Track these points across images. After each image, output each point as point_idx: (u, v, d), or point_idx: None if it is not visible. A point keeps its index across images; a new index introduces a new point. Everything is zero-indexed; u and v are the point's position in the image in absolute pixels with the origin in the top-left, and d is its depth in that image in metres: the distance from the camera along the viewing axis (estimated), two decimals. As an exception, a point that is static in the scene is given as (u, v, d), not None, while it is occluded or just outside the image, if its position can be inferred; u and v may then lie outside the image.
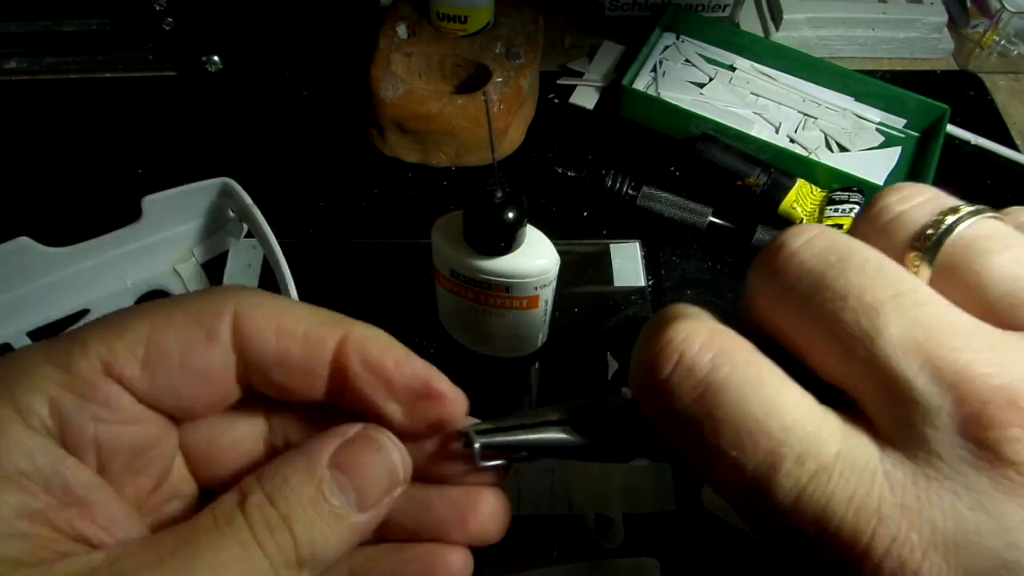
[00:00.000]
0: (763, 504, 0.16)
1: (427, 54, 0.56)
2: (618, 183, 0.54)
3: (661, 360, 0.17)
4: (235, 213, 0.30)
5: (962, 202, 0.18)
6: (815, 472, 0.16)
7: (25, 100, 0.60)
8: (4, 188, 0.54)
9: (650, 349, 0.18)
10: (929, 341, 0.15)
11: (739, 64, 0.65)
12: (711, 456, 0.17)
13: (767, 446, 0.16)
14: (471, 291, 0.39)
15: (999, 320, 0.16)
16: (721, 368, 0.17)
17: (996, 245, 0.17)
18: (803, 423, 0.16)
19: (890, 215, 0.19)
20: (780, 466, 0.16)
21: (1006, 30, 0.66)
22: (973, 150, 0.61)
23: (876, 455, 0.16)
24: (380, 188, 0.56)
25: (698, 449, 0.17)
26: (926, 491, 0.15)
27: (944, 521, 0.15)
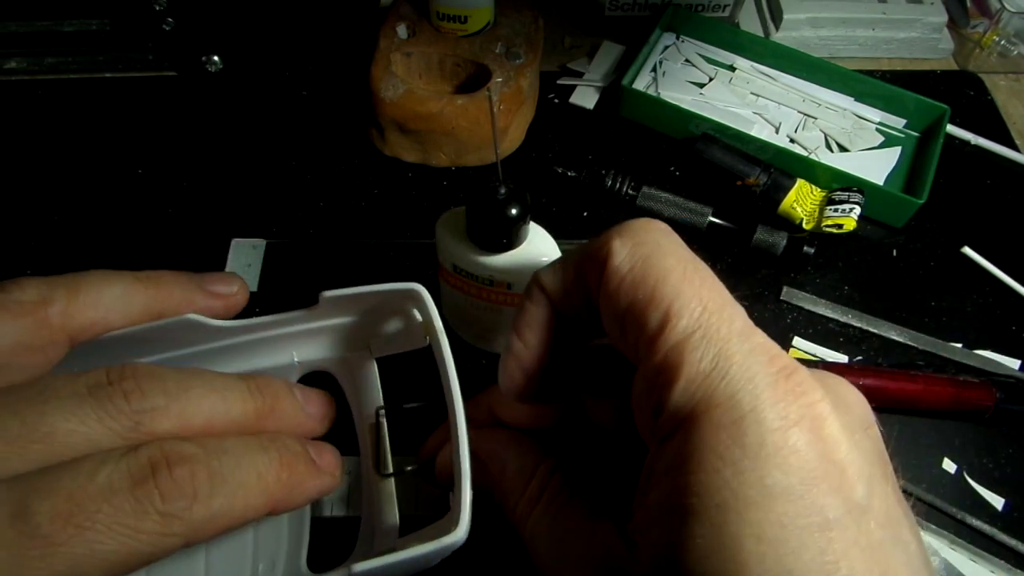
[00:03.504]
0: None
1: (427, 54, 0.56)
2: (618, 183, 0.54)
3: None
4: (421, 317, 0.29)
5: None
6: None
7: (25, 100, 0.60)
8: (4, 188, 0.54)
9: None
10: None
11: (739, 64, 0.65)
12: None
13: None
14: (473, 287, 0.39)
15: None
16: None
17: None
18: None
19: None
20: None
21: (1006, 30, 0.66)
22: (973, 150, 0.61)
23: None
24: (380, 188, 0.56)
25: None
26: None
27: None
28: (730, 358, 0.18)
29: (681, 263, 0.20)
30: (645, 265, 0.20)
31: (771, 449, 0.17)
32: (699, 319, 0.19)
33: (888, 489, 0.18)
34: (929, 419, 0.47)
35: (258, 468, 0.21)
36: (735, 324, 0.19)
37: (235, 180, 0.56)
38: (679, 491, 0.18)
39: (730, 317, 0.19)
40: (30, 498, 0.17)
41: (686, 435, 0.18)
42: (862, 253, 0.55)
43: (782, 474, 0.17)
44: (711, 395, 0.18)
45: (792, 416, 0.18)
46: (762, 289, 0.52)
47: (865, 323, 0.51)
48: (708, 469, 0.17)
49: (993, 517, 0.44)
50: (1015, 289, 0.53)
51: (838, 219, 0.52)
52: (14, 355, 0.22)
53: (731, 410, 0.18)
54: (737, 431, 0.17)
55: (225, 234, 0.51)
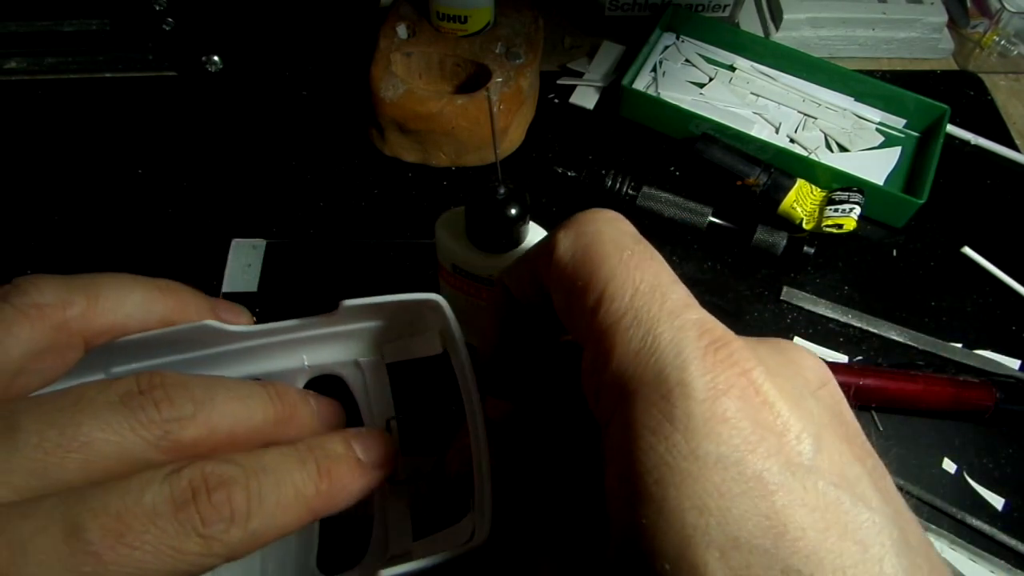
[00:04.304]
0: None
1: (427, 54, 0.56)
2: (618, 183, 0.54)
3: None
4: (437, 326, 0.29)
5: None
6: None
7: (25, 100, 0.60)
8: (4, 188, 0.54)
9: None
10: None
11: (739, 64, 0.65)
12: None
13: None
14: (473, 287, 0.39)
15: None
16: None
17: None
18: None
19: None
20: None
21: (1006, 30, 0.66)
22: (973, 150, 0.61)
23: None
24: (380, 188, 0.56)
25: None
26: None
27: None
28: (659, 336, 0.18)
29: (618, 248, 0.20)
30: (584, 253, 0.20)
31: (699, 420, 0.17)
32: (630, 301, 0.19)
33: (843, 447, 0.18)
34: (929, 419, 0.47)
35: (296, 484, 0.21)
36: (667, 303, 0.19)
37: (235, 180, 0.56)
38: (623, 474, 0.18)
39: (662, 296, 0.19)
40: (83, 516, 0.18)
41: (621, 416, 0.18)
42: (862, 253, 0.55)
43: (713, 444, 0.17)
44: (641, 373, 0.18)
45: (720, 385, 0.17)
46: (762, 289, 0.52)
47: (865, 323, 0.51)
48: (643, 447, 0.17)
49: (993, 517, 0.44)
50: (1015, 289, 0.53)
51: (838, 219, 0.52)
52: (32, 360, 0.22)
53: (659, 385, 0.18)
54: (666, 405, 0.17)
55: (225, 234, 0.51)
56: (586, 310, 0.20)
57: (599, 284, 0.20)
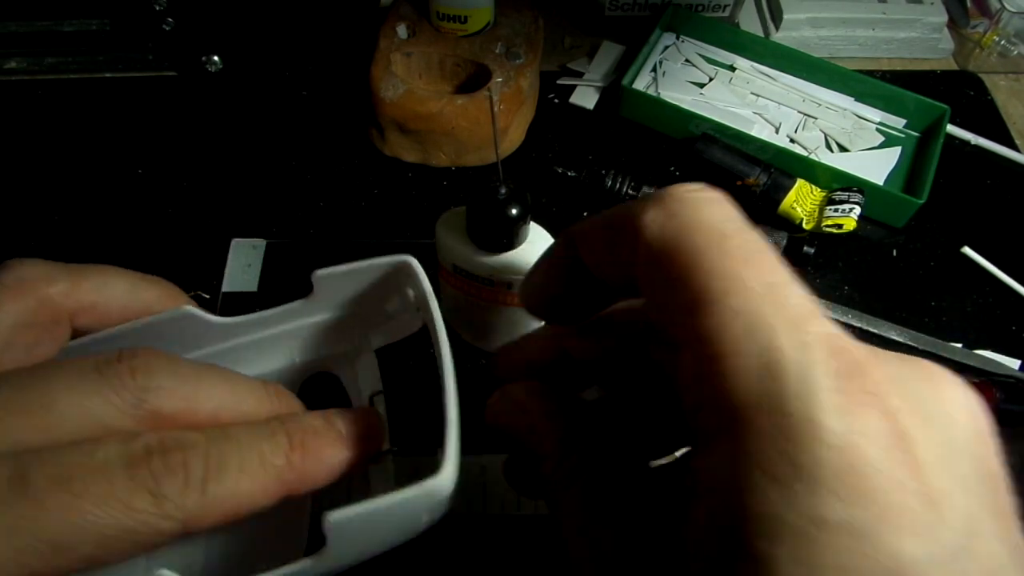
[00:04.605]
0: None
1: (427, 54, 0.56)
2: (618, 183, 0.54)
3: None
4: (414, 299, 0.29)
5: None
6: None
7: (25, 100, 0.60)
8: (4, 188, 0.54)
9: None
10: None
11: (739, 64, 0.65)
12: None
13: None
14: (473, 286, 0.39)
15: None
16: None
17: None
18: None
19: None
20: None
21: (1006, 30, 0.66)
22: (973, 150, 0.61)
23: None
24: (380, 188, 0.56)
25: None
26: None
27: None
28: (780, 353, 0.15)
29: (721, 237, 0.17)
30: (677, 239, 0.17)
31: (830, 472, 0.14)
32: (741, 304, 0.16)
33: (998, 529, 0.14)
34: (929, 419, 0.47)
35: (263, 452, 0.21)
36: (786, 309, 0.15)
37: (235, 180, 0.56)
38: (725, 514, 0.15)
39: (780, 300, 0.16)
40: (31, 466, 0.18)
41: (731, 446, 0.15)
42: (862, 253, 0.55)
43: (843, 505, 0.13)
44: (757, 400, 0.15)
45: (858, 429, 0.14)
46: (762, 289, 0.52)
47: (865, 323, 0.51)
48: (754, 492, 0.14)
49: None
50: (1015, 289, 0.53)
51: (838, 219, 0.52)
52: (18, 334, 0.22)
53: (780, 419, 0.14)
54: (789, 446, 0.14)
55: (225, 234, 0.51)
56: (683, 307, 0.16)
57: (698, 280, 0.16)
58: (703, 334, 0.16)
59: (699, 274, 0.16)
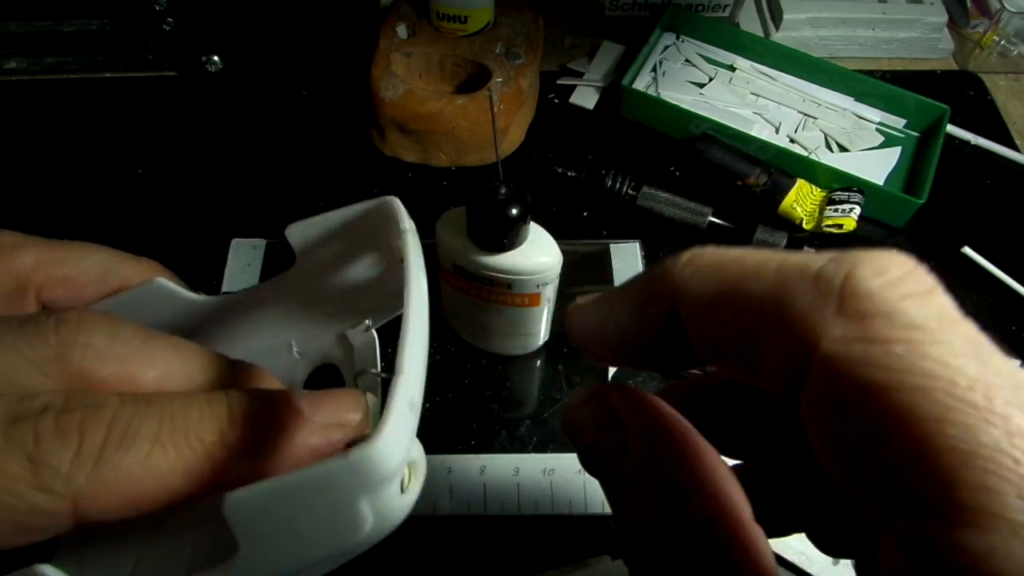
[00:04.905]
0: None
1: (427, 54, 0.56)
2: (618, 183, 0.54)
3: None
4: (399, 250, 0.24)
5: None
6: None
7: (25, 100, 0.60)
8: (4, 188, 0.54)
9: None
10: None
11: (739, 64, 0.65)
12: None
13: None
14: (473, 287, 0.39)
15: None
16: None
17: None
18: None
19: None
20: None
21: (1006, 30, 0.66)
22: (973, 150, 0.61)
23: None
24: (380, 188, 0.56)
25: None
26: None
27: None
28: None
29: (964, 391, 0.11)
30: (893, 392, 0.11)
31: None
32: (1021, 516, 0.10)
33: None
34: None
35: (191, 422, 0.17)
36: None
37: (235, 180, 0.56)
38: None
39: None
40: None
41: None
42: (862, 253, 0.55)
43: None
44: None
45: None
46: (762, 289, 0.52)
47: (865, 323, 0.51)
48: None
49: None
50: (1015, 289, 0.53)
51: (838, 219, 0.52)
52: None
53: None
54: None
55: (225, 234, 0.51)
56: (921, 503, 0.11)
57: (950, 473, 0.11)
58: (968, 551, 0.11)
59: (947, 457, 0.11)
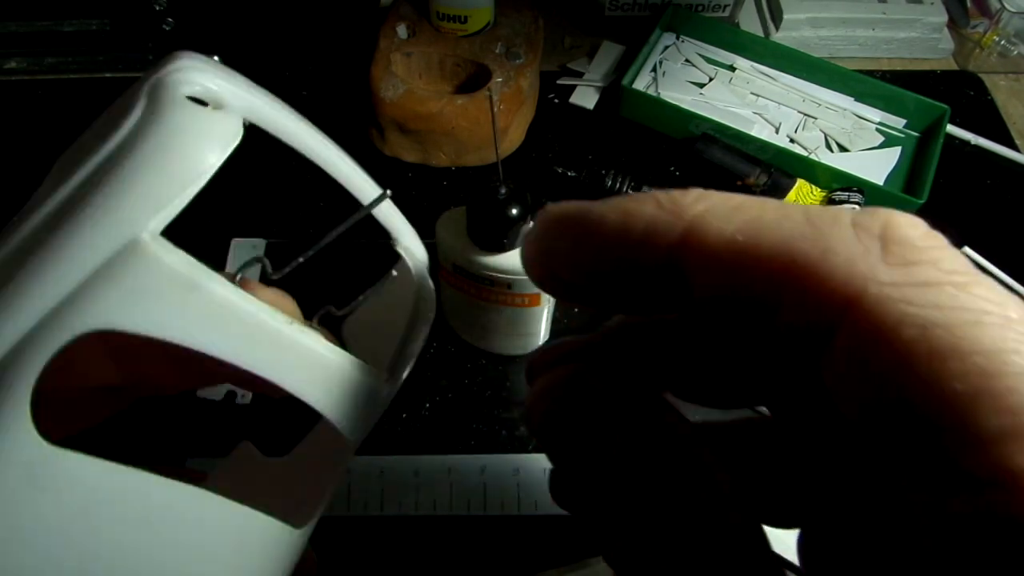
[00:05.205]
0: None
1: (427, 54, 0.56)
2: (618, 183, 0.54)
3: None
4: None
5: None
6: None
7: (25, 100, 0.60)
8: (4, 189, 0.54)
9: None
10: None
11: (739, 64, 0.65)
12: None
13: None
14: (473, 287, 0.39)
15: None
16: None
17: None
18: None
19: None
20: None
21: (1006, 30, 0.66)
22: (973, 150, 0.61)
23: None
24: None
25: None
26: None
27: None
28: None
29: (1012, 314, 0.11)
30: (958, 324, 0.11)
31: None
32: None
33: None
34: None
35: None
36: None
37: (235, 180, 0.56)
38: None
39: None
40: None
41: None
42: (862, 253, 0.55)
43: None
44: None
45: None
46: (762, 289, 0.52)
47: (865, 323, 0.51)
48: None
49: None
50: (1015, 289, 0.53)
51: (838, 219, 0.52)
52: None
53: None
54: None
55: (225, 234, 0.51)
56: (982, 434, 0.11)
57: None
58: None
59: (1017, 385, 0.11)
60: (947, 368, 0.11)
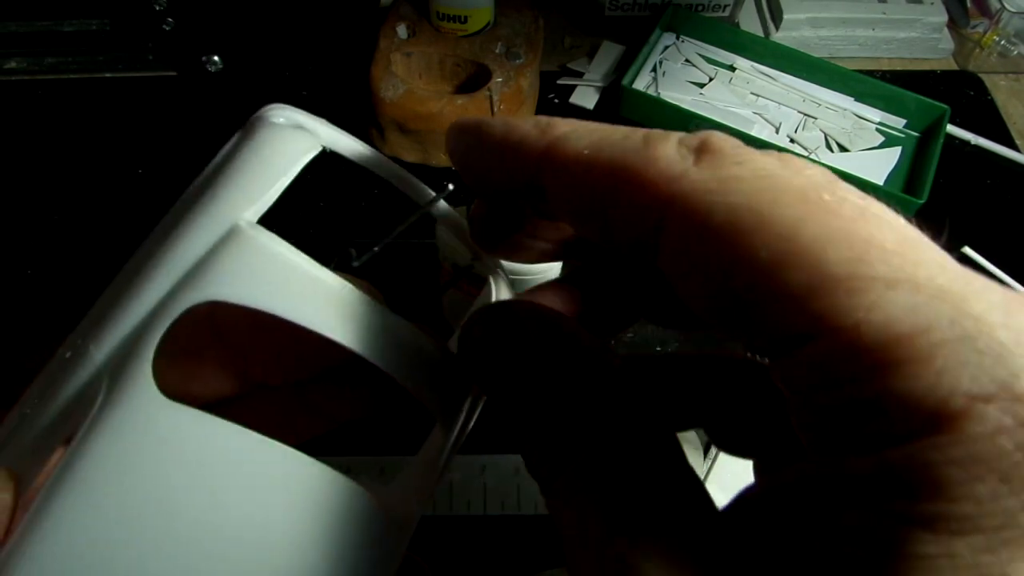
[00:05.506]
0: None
1: (427, 54, 0.56)
2: (618, 183, 0.54)
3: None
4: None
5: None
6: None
7: (25, 100, 0.60)
8: (4, 188, 0.54)
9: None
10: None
11: (739, 64, 0.65)
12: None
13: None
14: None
15: None
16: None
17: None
18: None
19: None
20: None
21: (1006, 30, 0.66)
22: (973, 150, 0.61)
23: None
24: (380, 188, 0.56)
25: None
26: None
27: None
28: (984, 322, 0.11)
29: (818, 189, 0.13)
30: (757, 204, 0.12)
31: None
32: (893, 274, 0.11)
33: None
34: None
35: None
36: (956, 277, 0.12)
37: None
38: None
39: (935, 262, 0.12)
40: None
41: (946, 448, 0.11)
42: (862, 253, 0.55)
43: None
44: (971, 387, 0.11)
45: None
46: (762, 289, 0.52)
47: (865, 323, 0.51)
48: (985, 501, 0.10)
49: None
50: (1016, 289, 0.53)
51: (838, 219, 0.52)
52: None
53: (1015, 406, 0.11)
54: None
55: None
56: (792, 290, 0.12)
57: (812, 254, 0.12)
58: (855, 314, 0.11)
59: (811, 243, 0.12)
60: (753, 242, 0.12)
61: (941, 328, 0.11)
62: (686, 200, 0.13)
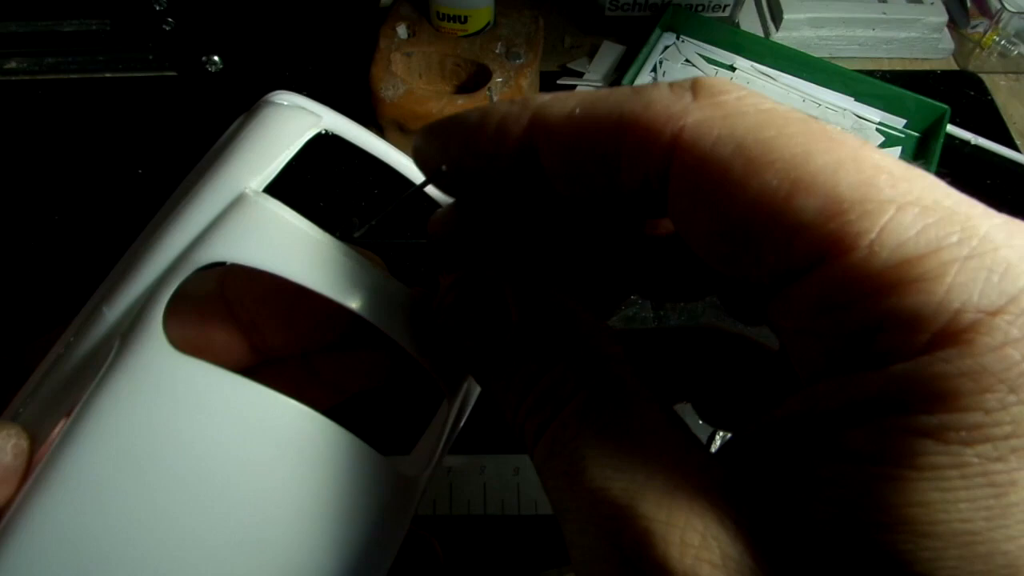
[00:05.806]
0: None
1: (427, 54, 0.56)
2: (618, 183, 0.54)
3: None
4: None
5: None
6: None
7: (25, 100, 0.60)
8: (4, 188, 0.54)
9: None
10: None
11: (739, 64, 0.65)
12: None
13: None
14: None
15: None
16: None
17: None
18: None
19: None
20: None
21: (1006, 30, 0.66)
22: (973, 150, 0.61)
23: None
24: (380, 188, 0.56)
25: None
26: None
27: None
28: (991, 243, 0.11)
29: (814, 127, 0.13)
30: (764, 134, 0.13)
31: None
32: (903, 195, 0.12)
33: None
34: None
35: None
36: (951, 195, 0.12)
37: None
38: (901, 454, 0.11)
39: (950, 197, 0.12)
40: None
41: (953, 362, 0.11)
42: (862, 253, 0.55)
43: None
44: (980, 303, 0.11)
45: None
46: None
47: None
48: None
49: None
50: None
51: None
52: None
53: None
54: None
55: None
56: (800, 219, 0.12)
57: (821, 181, 0.12)
58: (864, 238, 0.12)
59: (818, 173, 0.12)
60: (763, 170, 0.12)
61: (951, 247, 0.11)
62: (692, 135, 0.13)
